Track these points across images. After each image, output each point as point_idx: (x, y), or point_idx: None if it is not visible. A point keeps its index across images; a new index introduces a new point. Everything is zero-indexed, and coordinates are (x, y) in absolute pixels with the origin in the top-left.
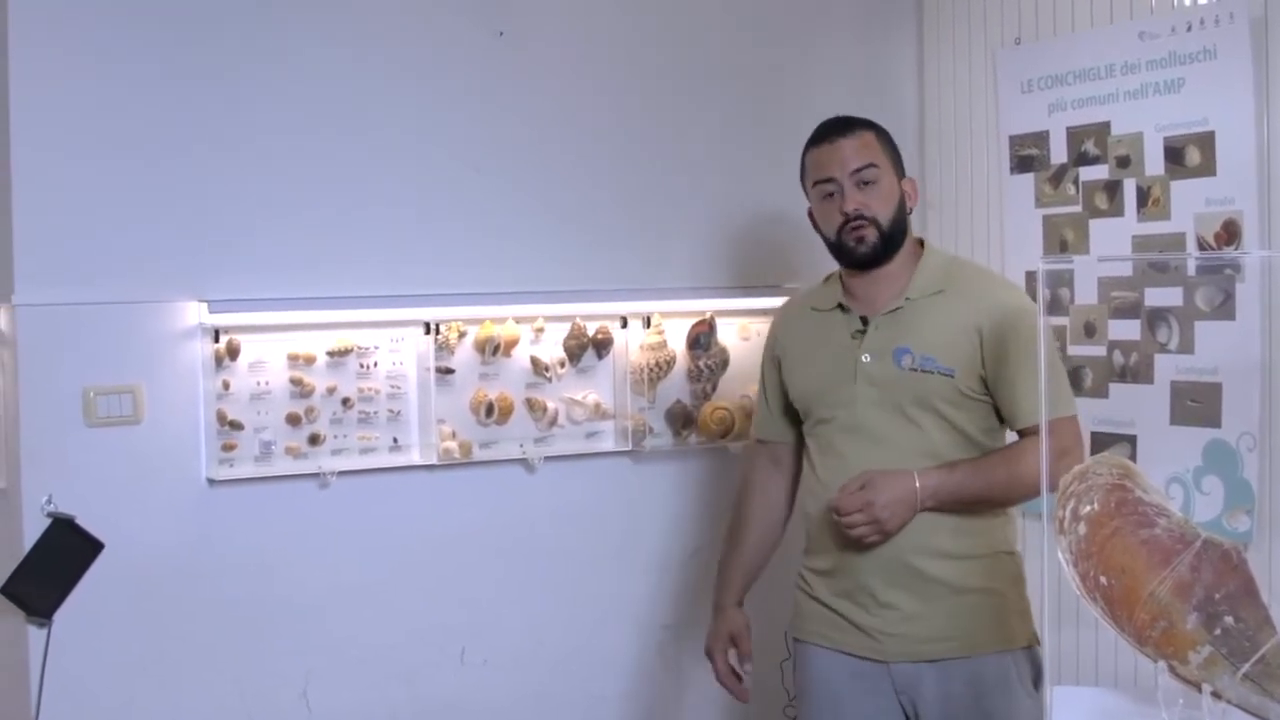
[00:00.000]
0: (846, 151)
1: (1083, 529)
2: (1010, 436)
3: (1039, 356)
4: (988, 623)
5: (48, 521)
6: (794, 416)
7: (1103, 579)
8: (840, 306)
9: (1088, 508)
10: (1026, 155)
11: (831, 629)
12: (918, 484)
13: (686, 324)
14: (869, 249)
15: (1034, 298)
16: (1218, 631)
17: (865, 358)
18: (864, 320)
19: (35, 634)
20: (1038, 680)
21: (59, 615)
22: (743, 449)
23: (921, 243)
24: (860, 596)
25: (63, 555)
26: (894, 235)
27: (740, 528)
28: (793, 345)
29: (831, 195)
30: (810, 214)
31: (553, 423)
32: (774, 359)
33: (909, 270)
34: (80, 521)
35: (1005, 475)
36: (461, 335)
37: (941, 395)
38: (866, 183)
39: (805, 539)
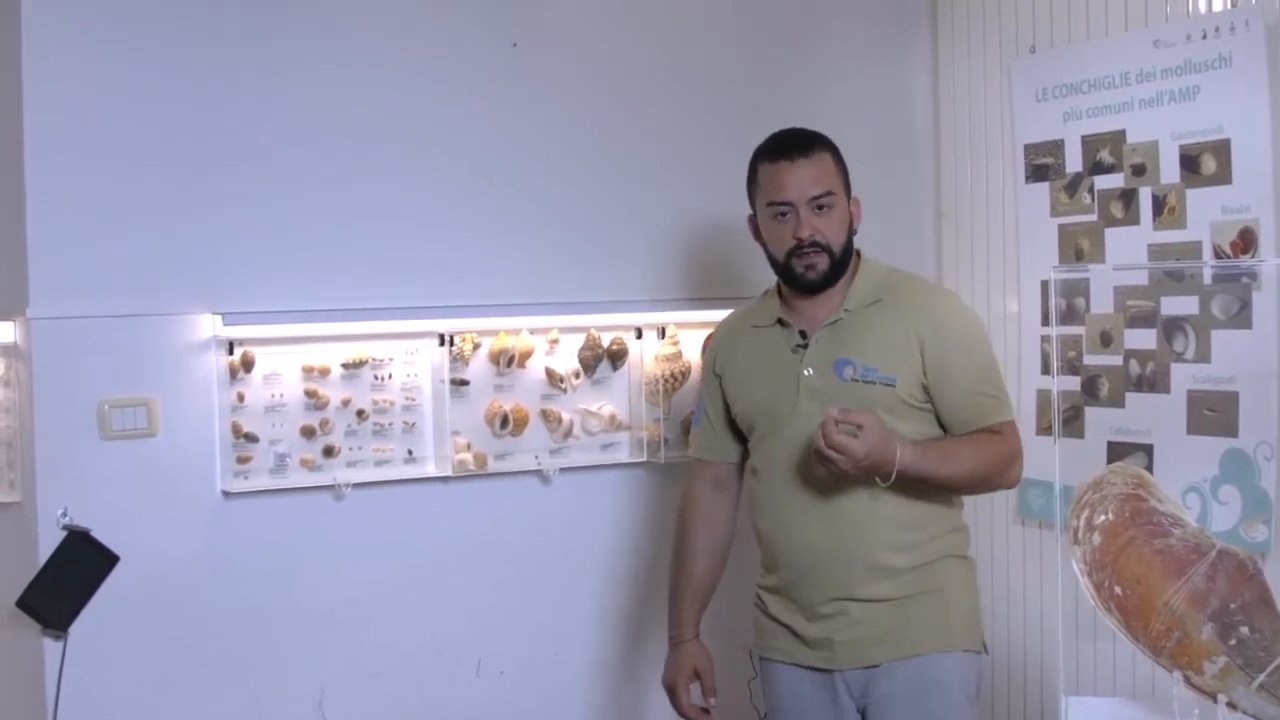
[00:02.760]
0: (806, 176)
1: (1097, 539)
2: None
3: (1057, 367)
4: (927, 623)
5: (63, 534)
6: (736, 433)
7: (1117, 589)
8: (780, 322)
9: (1102, 517)
10: (1041, 164)
11: (788, 643)
12: (896, 465)
13: (701, 334)
14: (819, 276)
15: (1048, 306)
16: (1233, 642)
17: (807, 371)
18: (803, 334)
19: (51, 646)
20: (980, 690)
21: (74, 628)
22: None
23: (858, 254)
24: (808, 610)
25: (78, 568)
26: (844, 259)
27: (688, 557)
28: (733, 362)
29: (784, 215)
30: (752, 223)
31: (568, 434)
32: (714, 376)
33: (847, 284)
34: (95, 534)
35: (971, 467)
36: (476, 347)
37: (884, 405)
38: (822, 207)
39: (761, 556)
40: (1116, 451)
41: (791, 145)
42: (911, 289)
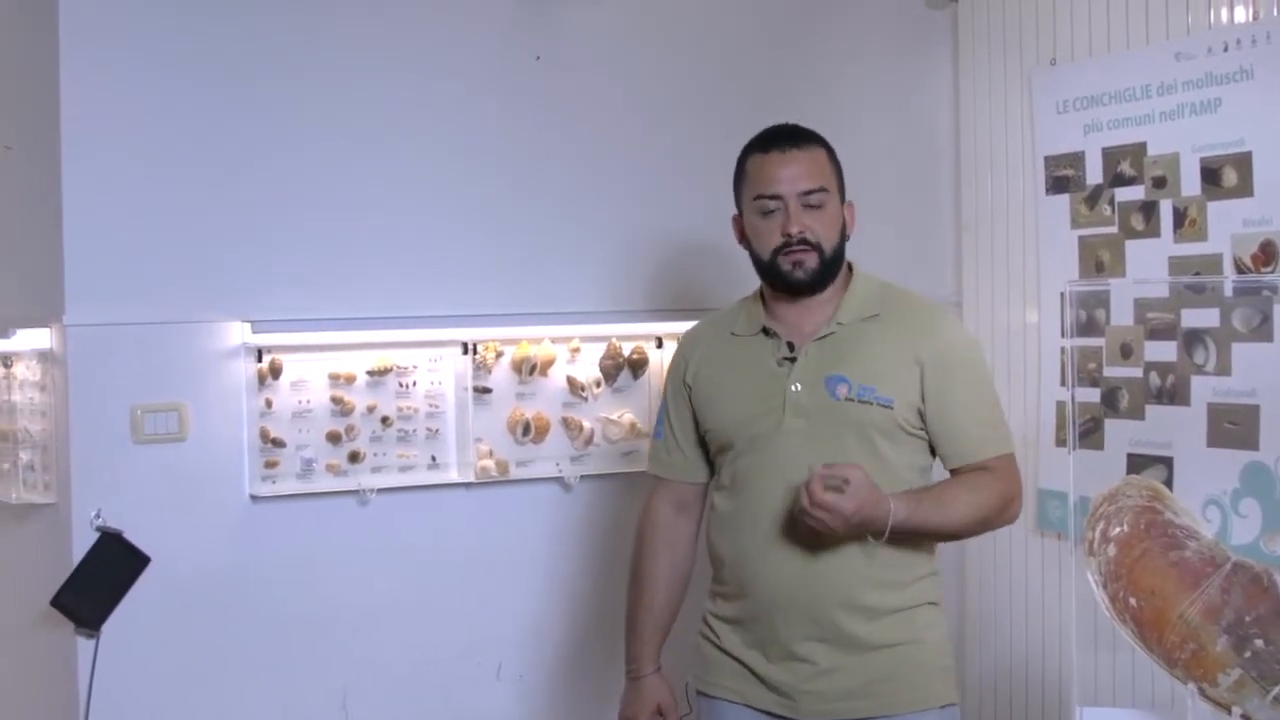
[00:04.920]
0: (797, 169)
1: (1112, 550)
2: (940, 473)
3: (1062, 391)
4: (908, 679)
5: (96, 535)
6: (705, 452)
7: (1132, 600)
8: (765, 331)
9: (1117, 529)
10: (1062, 176)
11: (740, 682)
12: (890, 520)
13: None
14: (806, 276)
15: (1065, 319)
16: (1248, 654)
17: (795, 386)
18: (791, 346)
19: (83, 645)
20: None
21: (106, 626)
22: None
23: (850, 266)
24: (771, 648)
25: (111, 568)
26: (834, 263)
27: (648, 584)
28: (708, 373)
29: (772, 213)
30: (736, 223)
31: (589, 442)
32: (684, 387)
33: (838, 294)
34: (128, 535)
35: (968, 513)
36: (499, 355)
37: (878, 428)
38: (813, 206)
39: (712, 582)
40: (1136, 464)
41: (784, 137)
42: (912, 307)
